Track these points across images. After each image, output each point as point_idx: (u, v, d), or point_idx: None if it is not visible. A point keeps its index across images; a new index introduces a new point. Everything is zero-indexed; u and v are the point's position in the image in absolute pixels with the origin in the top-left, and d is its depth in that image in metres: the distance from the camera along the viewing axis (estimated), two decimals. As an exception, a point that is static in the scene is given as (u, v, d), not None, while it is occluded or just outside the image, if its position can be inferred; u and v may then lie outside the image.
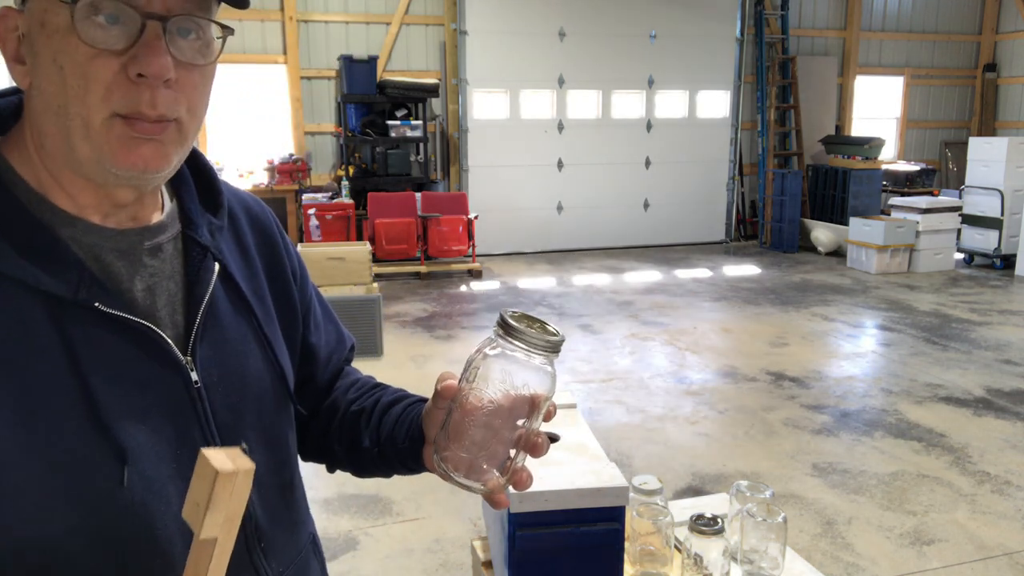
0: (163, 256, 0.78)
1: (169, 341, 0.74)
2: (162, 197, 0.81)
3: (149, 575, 0.71)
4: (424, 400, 0.92)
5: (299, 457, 0.97)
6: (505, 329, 0.73)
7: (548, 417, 0.77)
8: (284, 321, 0.91)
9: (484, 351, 0.75)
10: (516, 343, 0.72)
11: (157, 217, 0.79)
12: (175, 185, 0.83)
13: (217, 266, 0.81)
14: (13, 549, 0.66)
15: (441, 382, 0.78)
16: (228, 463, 0.58)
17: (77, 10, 0.64)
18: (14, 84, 0.73)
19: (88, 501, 0.68)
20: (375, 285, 5.61)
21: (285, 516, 0.88)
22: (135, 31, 0.66)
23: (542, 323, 0.75)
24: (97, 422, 0.68)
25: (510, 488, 0.79)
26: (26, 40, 0.68)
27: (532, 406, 0.74)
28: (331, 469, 1.03)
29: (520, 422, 0.75)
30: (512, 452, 0.76)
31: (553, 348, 0.73)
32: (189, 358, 0.76)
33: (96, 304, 0.69)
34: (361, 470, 0.99)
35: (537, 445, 0.76)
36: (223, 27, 0.72)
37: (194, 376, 0.76)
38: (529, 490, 1.24)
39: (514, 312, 0.75)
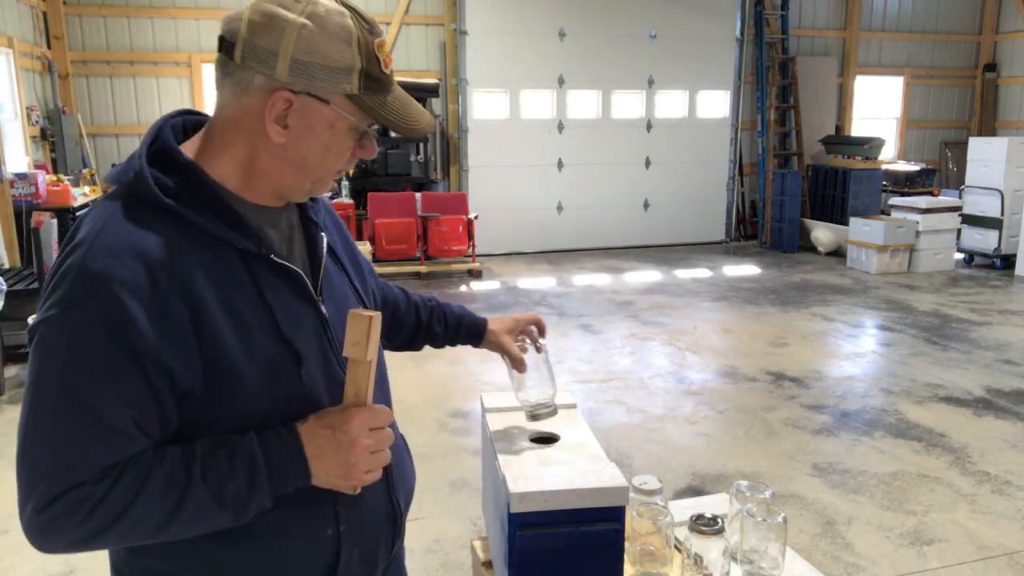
0: (292, 226, 1.13)
1: (308, 283, 1.08)
2: None
3: None
4: (475, 320, 1.53)
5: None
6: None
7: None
8: (361, 282, 1.27)
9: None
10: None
11: (282, 202, 1.12)
12: None
13: (325, 236, 1.16)
14: (236, 422, 0.98)
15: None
16: (371, 312, 0.97)
17: (359, 127, 1.03)
18: (179, 108, 1.12)
19: (283, 390, 1.01)
20: (375, 285, 5.60)
21: None
22: (367, 133, 1.07)
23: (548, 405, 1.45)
24: (281, 336, 1.02)
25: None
26: (299, 118, 1.00)
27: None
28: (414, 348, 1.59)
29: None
30: None
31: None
32: (320, 296, 1.10)
33: (271, 256, 1.03)
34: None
35: None
36: None
37: (323, 309, 1.10)
38: (529, 490, 1.25)
39: (536, 404, 1.46)
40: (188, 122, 1.10)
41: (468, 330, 1.51)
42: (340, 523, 1.07)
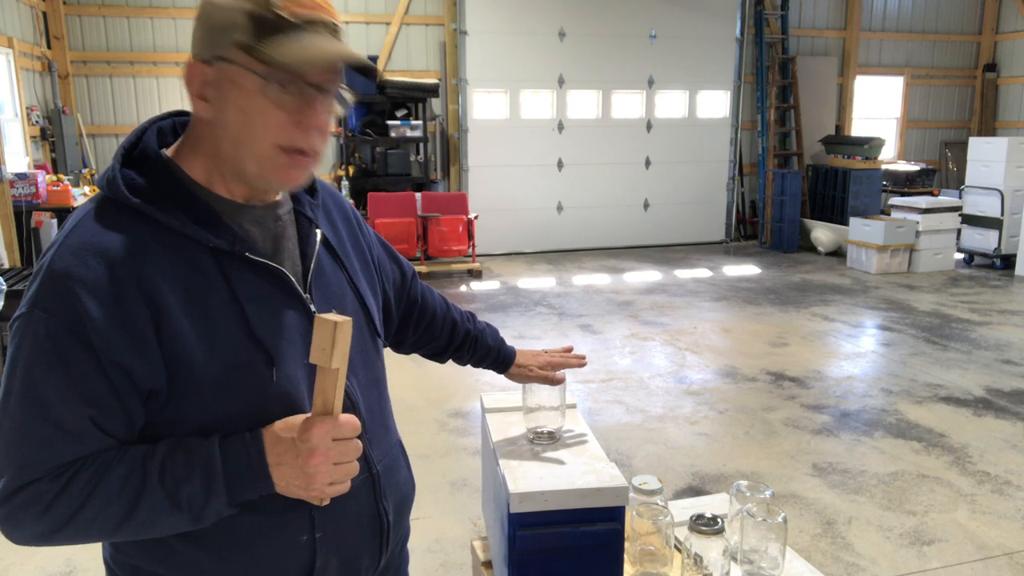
0: (283, 224, 1.09)
1: (293, 280, 1.05)
2: None
3: None
4: (502, 352, 1.53)
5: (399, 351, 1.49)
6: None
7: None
8: (368, 280, 1.23)
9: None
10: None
11: (276, 198, 1.10)
12: None
13: (319, 233, 1.13)
14: (202, 423, 0.97)
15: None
16: (339, 317, 0.91)
17: (268, 83, 0.94)
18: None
19: (251, 391, 0.98)
20: (375, 285, 5.60)
21: (380, 419, 1.18)
22: (303, 96, 0.97)
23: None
24: (252, 335, 0.99)
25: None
26: (213, 87, 0.97)
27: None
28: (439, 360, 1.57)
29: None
30: None
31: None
32: (308, 295, 1.07)
33: (246, 254, 1.01)
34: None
35: None
36: (353, 92, 1.06)
37: (312, 307, 1.06)
38: (529, 490, 1.25)
39: (540, 432, 1.49)
40: (179, 123, 1.09)
41: (495, 360, 1.53)
42: (316, 529, 1.05)
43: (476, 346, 1.51)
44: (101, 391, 0.91)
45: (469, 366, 1.54)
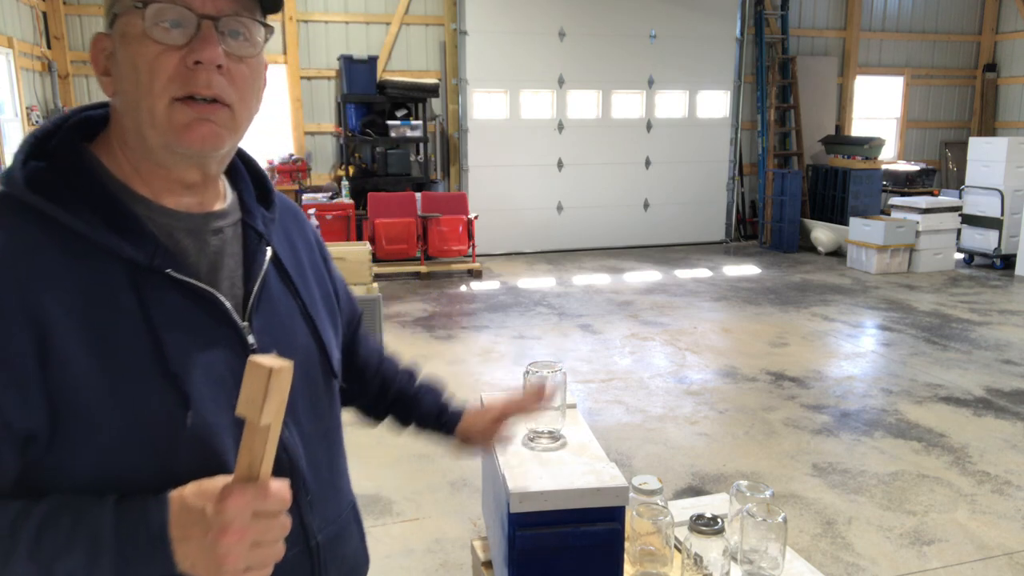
0: (224, 238, 0.91)
1: (228, 305, 0.87)
2: (224, 190, 0.95)
3: None
4: (448, 410, 1.25)
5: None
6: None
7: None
8: (329, 313, 1.04)
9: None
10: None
11: (220, 206, 0.92)
12: (235, 181, 0.98)
13: (270, 251, 0.95)
14: (95, 476, 0.78)
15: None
16: (276, 362, 0.71)
17: (147, 17, 0.79)
18: (102, 99, 0.90)
19: (158, 440, 0.80)
20: (375, 285, 5.60)
21: (328, 478, 0.99)
22: (192, 30, 0.80)
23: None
24: (165, 372, 0.80)
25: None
26: (112, 56, 0.84)
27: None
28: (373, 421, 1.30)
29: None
30: None
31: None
32: (246, 323, 0.89)
33: (168, 271, 0.82)
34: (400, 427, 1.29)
35: None
36: (265, 26, 0.87)
37: (250, 339, 0.88)
38: (529, 490, 1.25)
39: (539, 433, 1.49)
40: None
41: (436, 424, 1.25)
42: None
43: (418, 411, 1.24)
44: None
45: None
